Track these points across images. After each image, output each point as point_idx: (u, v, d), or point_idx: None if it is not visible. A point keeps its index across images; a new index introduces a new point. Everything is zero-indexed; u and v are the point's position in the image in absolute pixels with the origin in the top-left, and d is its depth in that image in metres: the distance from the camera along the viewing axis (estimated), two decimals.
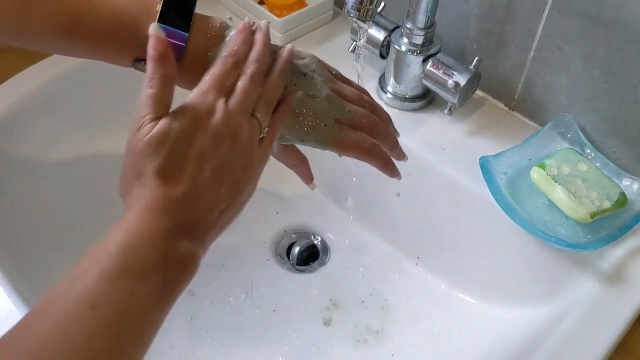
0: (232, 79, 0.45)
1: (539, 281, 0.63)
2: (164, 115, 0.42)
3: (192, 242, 0.41)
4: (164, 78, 0.42)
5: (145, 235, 0.39)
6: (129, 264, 0.38)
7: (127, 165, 0.42)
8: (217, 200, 0.42)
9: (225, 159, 0.43)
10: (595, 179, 0.62)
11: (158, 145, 0.40)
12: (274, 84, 0.47)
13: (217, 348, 0.65)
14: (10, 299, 0.55)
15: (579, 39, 0.62)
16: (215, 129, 0.42)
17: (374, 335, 0.66)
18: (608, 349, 0.54)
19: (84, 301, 0.36)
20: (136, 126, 0.41)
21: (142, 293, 0.38)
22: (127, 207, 0.41)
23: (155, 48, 0.42)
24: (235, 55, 0.46)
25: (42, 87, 0.71)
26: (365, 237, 0.75)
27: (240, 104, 0.44)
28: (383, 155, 0.54)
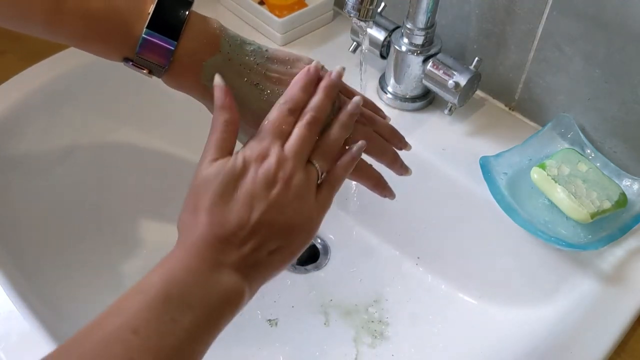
0: (288, 125, 0.46)
1: (539, 281, 0.63)
2: (223, 157, 0.44)
3: (237, 278, 0.42)
4: (226, 124, 0.45)
5: (188, 268, 0.40)
6: (171, 293, 0.39)
7: (187, 201, 0.44)
8: (266, 241, 0.43)
9: (277, 201, 0.43)
10: (595, 179, 0.62)
11: (211, 182, 0.42)
12: (335, 134, 0.48)
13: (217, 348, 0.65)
14: (10, 299, 0.55)
15: (579, 39, 0.62)
16: (267, 171, 0.43)
17: (374, 336, 0.66)
18: (608, 349, 0.54)
19: (126, 326, 0.37)
20: (198, 167, 0.44)
21: (183, 322, 0.38)
22: (179, 241, 0.42)
23: (219, 98, 0.45)
24: (292, 101, 0.46)
25: (42, 87, 0.71)
26: (365, 238, 0.75)
27: (294, 148, 0.45)
28: (373, 174, 0.54)
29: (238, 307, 0.43)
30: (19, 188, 0.68)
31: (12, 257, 0.61)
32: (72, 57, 0.74)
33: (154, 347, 0.37)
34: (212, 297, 0.40)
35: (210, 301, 0.40)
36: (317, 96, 0.47)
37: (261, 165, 0.43)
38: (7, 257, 0.60)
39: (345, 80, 0.55)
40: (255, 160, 0.44)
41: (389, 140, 0.54)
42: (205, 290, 0.40)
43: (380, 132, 0.53)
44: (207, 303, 0.40)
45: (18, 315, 0.54)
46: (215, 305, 0.41)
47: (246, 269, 0.43)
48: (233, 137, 0.45)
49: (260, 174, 0.43)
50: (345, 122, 0.48)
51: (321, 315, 0.68)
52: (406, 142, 0.55)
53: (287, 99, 0.47)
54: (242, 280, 0.42)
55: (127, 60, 0.48)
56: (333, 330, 0.67)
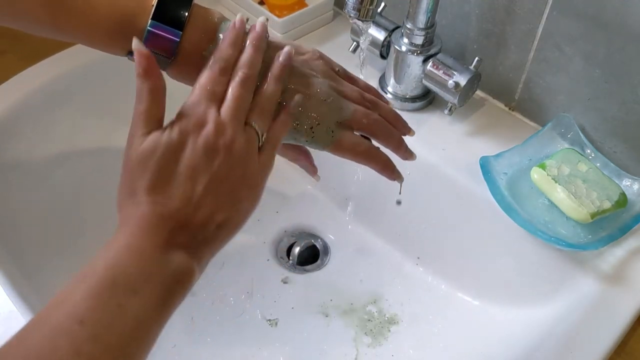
0: (221, 85, 0.44)
1: (539, 281, 0.63)
2: (155, 129, 0.41)
3: (186, 257, 0.40)
4: (152, 92, 0.42)
5: (133, 251, 0.38)
6: (116, 278, 0.37)
7: (122, 182, 0.42)
8: (213, 214, 0.41)
9: (219, 171, 0.41)
10: (595, 179, 0.62)
11: (146, 159, 0.40)
12: (270, 90, 0.46)
13: (217, 348, 0.65)
14: (10, 299, 0.55)
15: (579, 39, 0.62)
16: (207, 141, 0.41)
17: (374, 336, 0.66)
18: (608, 349, 0.54)
19: (71, 316, 0.35)
20: (129, 142, 0.41)
21: (131, 307, 0.37)
22: (120, 225, 0.40)
23: (139, 63, 0.42)
24: (222, 59, 0.45)
25: (42, 87, 0.71)
26: (365, 238, 0.75)
27: (231, 112, 0.43)
28: (381, 157, 0.52)
29: (188, 286, 0.40)
30: (18, 188, 0.68)
31: (12, 257, 0.61)
32: (72, 57, 0.74)
33: (102, 336, 0.35)
34: (159, 279, 0.38)
35: (158, 284, 0.38)
36: (246, 52, 0.45)
37: (200, 134, 0.41)
38: (7, 257, 0.60)
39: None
40: (192, 129, 0.41)
41: (393, 125, 0.53)
42: (152, 273, 0.38)
43: (385, 117, 0.52)
44: (154, 286, 0.38)
45: (18, 316, 0.54)
46: (164, 287, 0.39)
47: (195, 246, 0.40)
48: (161, 106, 0.42)
49: (200, 143, 0.41)
50: (278, 75, 0.46)
51: (321, 315, 0.68)
52: (410, 128, 0.55)
53: (217, 58, 0.45)
54: (190, 259, 0.40)
55: (132, 54, 0.47)
56: (333, 330, 0.67)
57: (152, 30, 0.45)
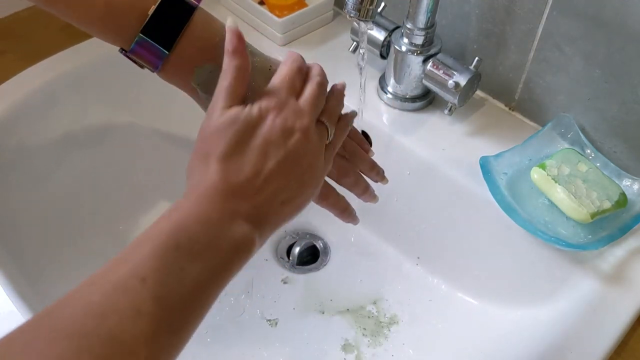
0: (299, 82, 0.46)
1: (539, 281, 0.63)
2: (236, 105, 0.42)
3: (249, 227, 0.41)
4: (237, 70, 0.43)
5: (199, 217, 0.39)
6: (181, 241, 0.37)
7: (197, 147, 0.42)
8: (280, 190, 0.42)
9: (294, 150, 0.42)
10: (595, 179, 0.62)
11: (225, 128, 0.41)
12: (337, 98, 0.49)
13: (217, 348, 0.65)
14: (11, 299, 0.55)
15: (579, 39, 0.62)
16: (285, 119, 0.42)
17: (373, 336, 0.66)
18: (608, 349, 0.54)
19: (133, 274, 0.36)
20: (209, 113, 0.42)
21: (192, 270, 0.37)
22: (188, 189, 0.41)
23: (230, 41, 0.43)
24: (298, 61, 0.46)
25: (42, 87, 0.71)
26: (365, 238, 0.75)
27: (310, 103, 0.45)
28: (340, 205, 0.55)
29: (248, 257, 0.41)
30: (18, 188, 0.68)
31: (12, 257, 0.61)
32: (72, 57, 0.74)
33: (162, 296, 0.36)
34: (222, 247, 0.39)
35: (220, 251, 0.39)
36: (316, 66, 0.48)
37: (279, 115, 0.42)
38: (7, 257, 0.60)
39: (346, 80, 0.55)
40: (272, 109, 0.43)
41: (367, 174, 0.55)
42: (216, 240, 0.39)
43: (359, 166, 0.55)
44: (216, 253, 0.39)
45: (18, 316, 0.54)
46: (225, 255, 0.39)
47: (258, 218, 0.41)
48: (245, 84, 0.44)
49: (278, 122, 0.42)
50: (339, 95, 0.50)
51: (321, 315, 0.68)
52: (384, 176, 0.57)
53: (294, 59, 0.46)
54: (253, 230, 0.41)
55: (123, 50, 0.48)
56: (333, 330, 0.67)
57: (140, 42, 0.46)
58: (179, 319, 0.37)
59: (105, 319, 0.34)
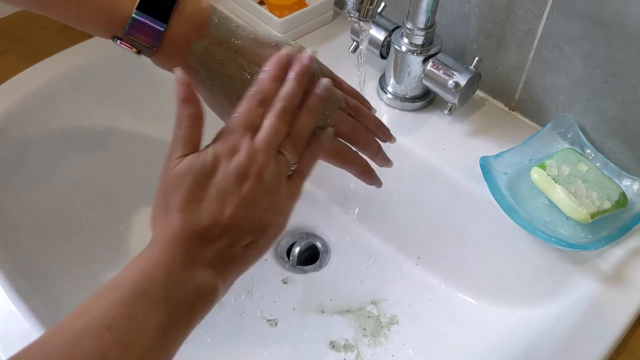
0: (258, 116, 0.45)
1: (539, 281, 0.63)
2: (192, 152, 0.43)
3: (212, 273, 0.42)
4: (191, 118, 0.44)
5: (162, 264, 0.40)
6: (145, 289, 0.39)
7: (157, 199, 0.43)
8: (240, 235, 0.43)
9: (249, 195, 0.43)
10: (595, 179, 0.62)
11: (181, 179, 0.42)
12: (303, 121, 0.47)
13: (217, 348, 0.65)
14: (10, 299, 0.55)
15: (579, 39, 0.62)
16: (239, 166, 0.43)
17: (373, 336, 0.66)
18: (608, 349, 0.54)
19: (99, 321, 0.37)
20: (166, 163, 0.43)
21: (156, 317, 0.38)
22: (152, 239, 0.42)
23: (180, 92, 0.44)
24: (261, 92, 0.46)
25: (42, 87, 0.71)
26: (365, 238, 0.75)
27: (265, 141, 0.44)
28: (359, 163, 0.53)
29: (212, 303, 0.42)
30: (19, 188, 0.68)
31: (12, 257, 0.61)
32: (72, 57, 0.74)
33: (128, 342, 0.37)
34: (186, 293, 0.40)
35: (185, 298, 0.40)
36: (288, 85, 0.46)
37: (232, 160, 0.43)
38: (7, 257, 0.60)
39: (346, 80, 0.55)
40: (225, 154, 0.43)
41: (373, 132, 0.54)
42: (180, 287, 0.40)
43: (365, 124, 0.53)
44: (181, 299, 0.40)
45: (18, 315, 0.54)
46: (190, 301, 0.41)
47: (221, 264, 0.42)
48: (199, 131, 0.44)
49: (232, 169, 0.42)
50: (314, 108, 0.47)
51: (321, 315, 0.68)
52: (391, 135, 0.55)
53: (257, 90, 0.46)
54: (216, 277, 0.42)
55: (116, 38, 0.48)
56: (333, 330, 0.67)
57: (136, 18, 0.46)
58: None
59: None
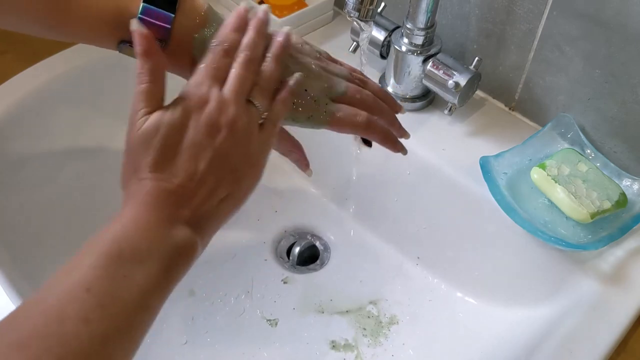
0: (224, 67, 0.45)
1: (539, 281, 0.63)
2: (157, 108, 0.42)
3: (189, 231, 0.41)
4: (153, 71, 0.43)
5: (139, 224, 0.40)
6: (123, 250, 0.38)
7: (125, 160, 0.43)
8: (215, 189, 0.42)
9: (222, 148, 0.42)
10: (595, 179, 0.62)
11: (150, 138, 0.41)
12: (269, 68, 0.47)
13: (217, 348, 0.65)
14: (10, 299, 0.55)
15: (579, 39, 0.62)
16: (209, 118, 0.42)
17: (373, 336, 0.66)
18: (608, 349, 0.54)
19: (78, 284, 0.36)
20: (131, 122, 0.42)
21: (136, 277, 0.38)
22: (125, 201, 0.41)
23: (139, 43, 0.43)
24: (225, 42, 0.45)
25: (42, 88, 0.71)
26: (365, 238, 0.75)
27: (233, 91, 0.44)
28: (381, 128, 0.53)
29: (191, 260, 0.42)
30: (18, 188, 0.68)
31: (12, 257, 0.61)
32: (72, 57, 0.74)
33: (109, 304, 0.36)
34: (164, 252, 0.40)
35: (163, 256, 0.40)
36: (248, 34, 0.47)
37: (202, 113, 0.42)
38: (7, 257, 0.60)
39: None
40: (195, 108, 0.42)
41: (383, 102, 0.54)
42: (158, 246, 0.40)
43: (375, 94, 0.53)
44: (159, 258, 0.39)
45: None
46: (168, 260, 0.40)
47: (197, 220, 0.42)
48: (162, 86, 0.43)
49: (203, 121, 0.42)
50: (278, 54, 0.48)
51: (321, 315, 0.68)
52: (399, 105, 0.56)
53: (220, 40, 0.46)
54: (194, 233, 0.42)
55: (124, 42, 0.47)
56: (333, 330, 0.67)
57: (146, 8, 0.46)
58: (127, 324, 0.37)
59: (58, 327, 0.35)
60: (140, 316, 0.38)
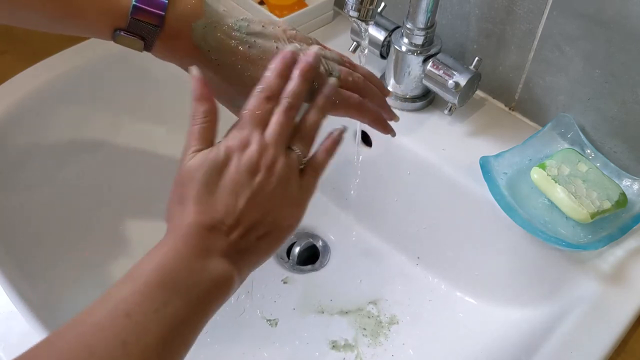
0: (267, 112, 0.46)
1: (539, 281, 0.63)
2: (207, 147, 0.45)
3: (226, 264, 0.43)
4: (206, 114, 0.45)
5: (179, 255, 0.41)
6: (163, 279, 0.40)
7: (173, 192, 0.45)
8: (253, 226, 0.44)
9: (261, 187, 0.44)
10: (595, 179, 0.62)
11: (194, 174, 0.43)
12: (311, 118, 0.48)
13: (217, 348, 0.65)
14: (10, 299, 0.55)
15: (579, 39, 0.62)
16: (250, 159, 0.44)
17: (373, 336, 0.66)
18: (608, 349, 0.54)
19: (119, 309, 0.38)
20: (183, 158, 0.45)
21: (174, 307, 0.39)
22: (168, 231, 0.43)
23: (196, 89, 0.46)
24: (268, 89, 0.47)
25: (42, 87, 0.71)
26: (365, 238, 0.75)
27: (274, 135, 0.45)
28: (373, 109, 0.54)
29: (228, 293, 0.43)
30: (19, 188, 0.68)
31: (12, 257, 0.61)
32: (72, 57, 0.74)
33: (147, 330, 0.38)
34: (202, 283, 0.41)
35: (201, 287, 0.41)
36: (293, 82, 0.48)
37: (243, 153, 0.44)
38: (7, 257, 0.60)
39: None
40: (237, 148, 0.44)
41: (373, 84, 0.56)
42: (196, 277, 0.41)
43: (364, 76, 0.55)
44: (197, 289, 0.41)
45: (18, 315, 0.54)
46: (206, 291, 0.41)
47: (235, 255, 0.43)
48: (213, 127, 0.46)
49: (243, 161, 0.44)
50: (322, 106, 0.49)
51: (321, 315, 0.68)
52: (387, 89, 0.58)
53: (264, 87, 0.47)
54: (231, 267, 0.43)
55: (119, 30, 0.49)
56: (333, 330, 0.67)
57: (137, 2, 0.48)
58: (164, 350, 0.39)
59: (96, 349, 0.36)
60: (177, 345, 0.40)
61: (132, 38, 0.49)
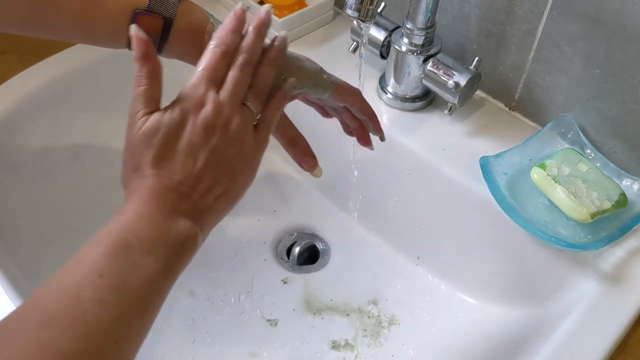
0: (222, 69, 0.47)
1: (539, 281, 0.63)
2: (155, 109, 0.44)
3: (190, 223, 0.44)
4: (150, 74, 0.45)
5: (144, 217, 0.42)
6: (130, 240, 0.40)
7: (126, 158, 0.45)
8: (212, 186, 0.45)
9: (217, 147, 0.45)
10: (595, 179, 0.62)
11: (150, 137, 0.43)
12: (264, 72, 0.49)
13: (217, 348, 0.65)
14: (10, 299, 0.55)
15: (579, 39, 0.62)
16: (206, 120, 0.45)
17: (373, 336, 0.66)
18: (608, 349, 0.54)
19: (91, 271, 0.38)
20: (130, 122, 0.44)
21: (144, 265, 0.40)
22: (127, 197, 0.44)
23: (137, 48, 0.45)
24: (223, 44, 0.47)
25: (42, 87, 0.71)
26: (365, 238, 0.75)
27: (230, 93, 0.46)
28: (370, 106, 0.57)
29: (193, 251, 0.44)
30: (19, 188, 0.68)
31: (12, 257, 0.61)
32: (72, 57, 0.74)
33: (121, 287, 0.39)
34: (168, 243, 0.42)
35: (167, 247, 0.42)
36: (249, 37, 0.48)
37: (199, 114, 0.45)
38: (7, 257, 0.60)
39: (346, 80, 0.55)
40: (192, 109, 0.45)
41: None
42: (162, 237, 0.42)
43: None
44: (164, 248, 0.42)
45: None
46: (172, 250, 0.42)
47: (196, 215, 0.44)
48: (159, 87, 0.45)
49: (199, 122, 0.44)
50: (274, 59, 0.50)
51: (321, 315, 0.68)
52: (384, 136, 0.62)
53: (219, 42, 0.47)
54: (194, 226, 0.44)
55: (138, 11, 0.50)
56: (333, 330, 0.67)
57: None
58: (138, 306, 0.40)
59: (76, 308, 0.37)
60: (150, 299, 0.41)
61: (153, 17, 0.50)
